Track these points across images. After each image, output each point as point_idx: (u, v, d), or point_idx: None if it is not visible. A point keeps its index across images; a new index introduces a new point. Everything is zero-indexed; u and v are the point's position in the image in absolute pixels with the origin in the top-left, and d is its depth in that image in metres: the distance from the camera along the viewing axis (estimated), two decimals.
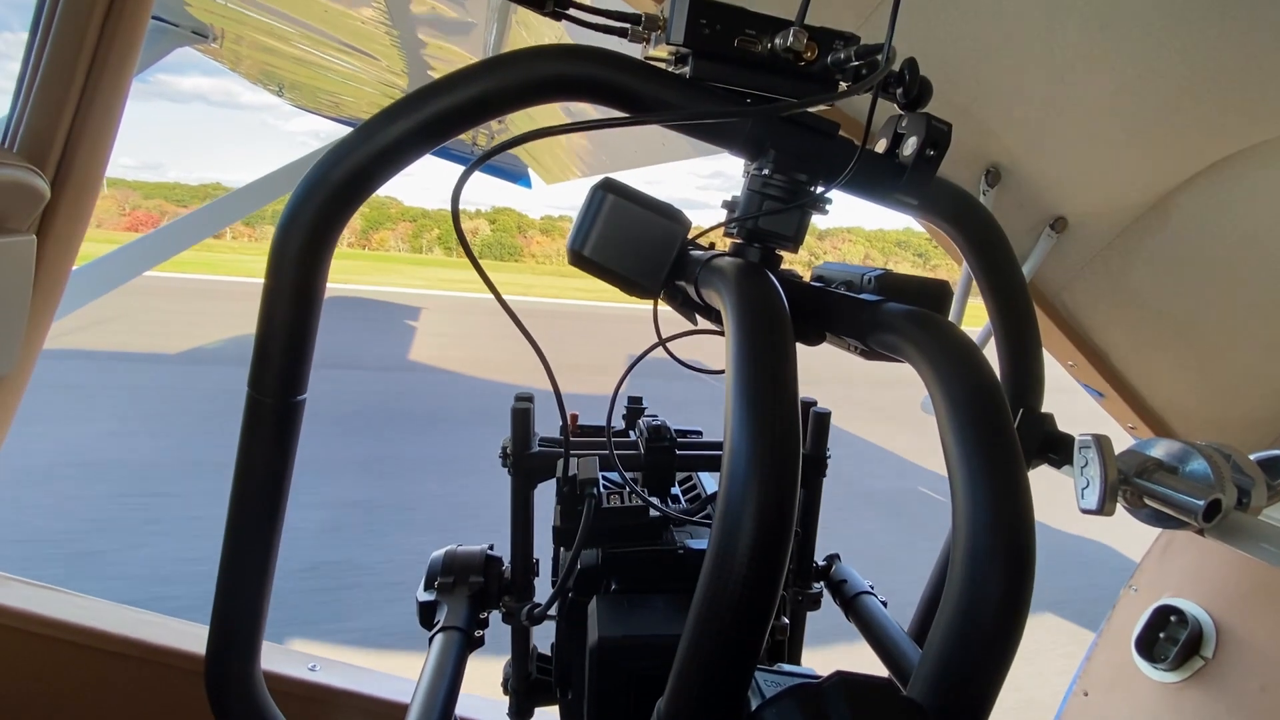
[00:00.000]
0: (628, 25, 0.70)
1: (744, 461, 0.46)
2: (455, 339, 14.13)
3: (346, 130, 0.65)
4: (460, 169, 0.65)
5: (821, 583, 1.17)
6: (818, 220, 0.73)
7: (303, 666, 1.62)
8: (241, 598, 0.70)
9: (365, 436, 7.30)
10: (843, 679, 0.46)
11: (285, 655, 1.63)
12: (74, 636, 1.49)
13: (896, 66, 0.67)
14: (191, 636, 1.56)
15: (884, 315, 0.61)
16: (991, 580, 0.44)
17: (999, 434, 0.48)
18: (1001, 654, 0.44)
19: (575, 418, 1.11)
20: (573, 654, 0.95)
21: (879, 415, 10.17)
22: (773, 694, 0.48)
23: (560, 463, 0.93)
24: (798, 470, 0.47)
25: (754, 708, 0.48)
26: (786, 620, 1.09)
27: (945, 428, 0.49)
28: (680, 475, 1.12)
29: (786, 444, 0.46)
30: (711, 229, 0.75)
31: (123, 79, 1.23)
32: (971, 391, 0.50)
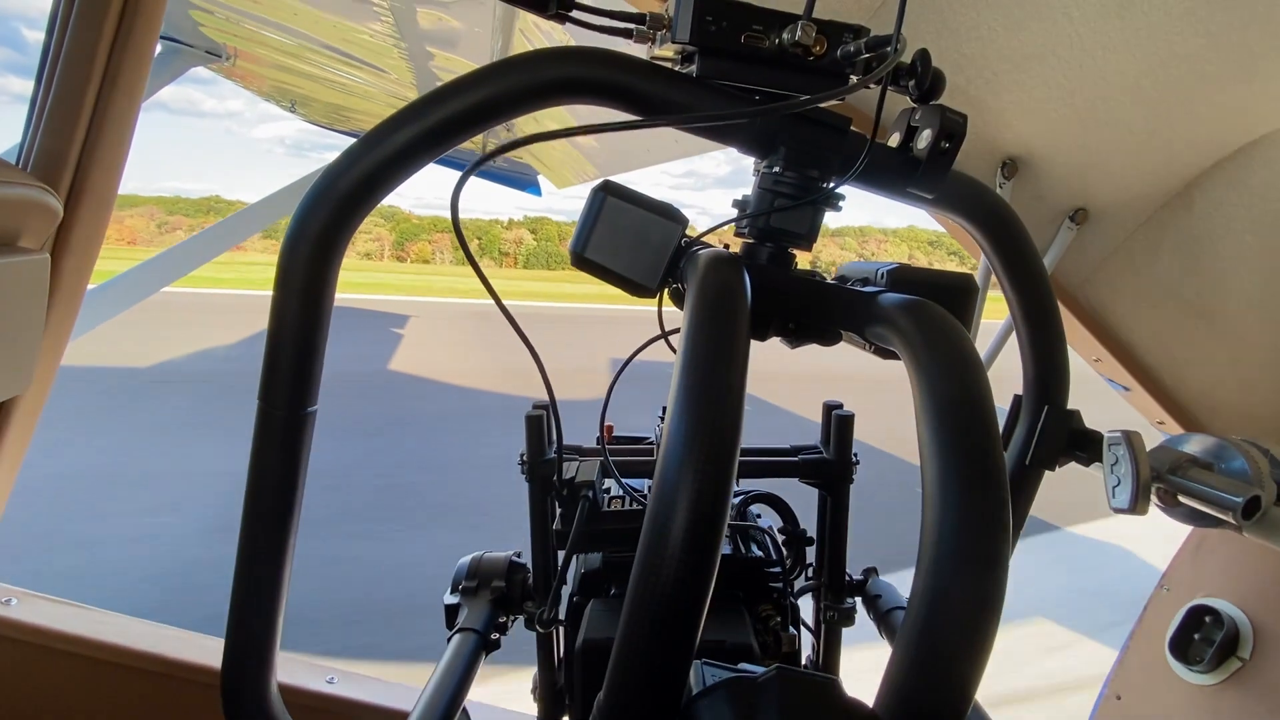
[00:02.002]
0: (632, 25, 0.70)
1: (678, 447, 0.44)
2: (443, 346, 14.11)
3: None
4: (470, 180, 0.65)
5: (856, 598, 1.13)
6: (852, 220, 0.71)
7: (321, 679, 1.61)
8: (256, 611, 0.70)
9: None
10: (780, 673, 0.44)
11: (304, 668, 1.63)
12: (91, 651, 1.50)
13: (908, 58, 0.65)
14: (208, 650, 1.57)
15: (878, 306, 0.59)
16: (959, 585, 0.41)
17: (977, 428, 0.45)
18: (969, 664, 0.41)
19: (610, 429, 1.10)
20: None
21: None
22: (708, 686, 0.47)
23: (558, 465, 0.93)
24: (733, 457, 0.45)
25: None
26: (794, 631, 1.07)
27: (922, 422, 0.46)
28: None
29: (723, 431, 0.45)
30: (719, 226, 0.74)
31: (134, 99, 1.25)
32: (952, 383, 0.47)
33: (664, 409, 1.14)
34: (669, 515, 0.43)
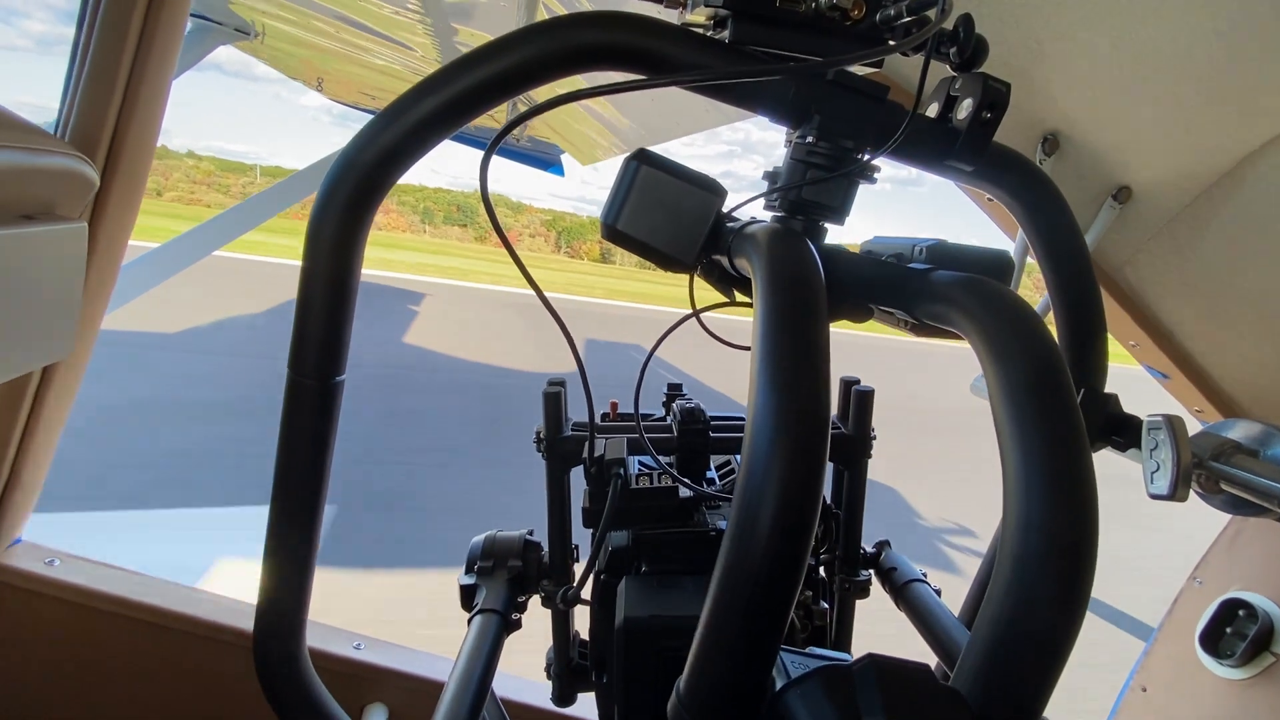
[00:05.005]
0: None
1: (767, 430, 0.43)
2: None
3: None
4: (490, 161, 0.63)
5: (870, 570, 1.14)
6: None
7: (348, 645, 1.66)
8: (286, 577, 0.72)
9: None
10: (874, 661, 0.43)
11: (331, 634, 1.68)
12: (130, 611, 1.56)
13: (950, 24, 0.62)
14: (241, 613, 1.62)
15: (932, 283, 0.57)
16: (1046, 572, 0.40)
17: (1060, 411, 0.44)
18: (1054, 652, 0.40)
19: (615, 405, 1.10)
20: (606, 637, 0.95)
21: None
22: (798, 675, 0.46)
23: (587, 443, 0.92)
24: (825, 440, 0.44)
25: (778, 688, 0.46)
26: (826, 605, 1.07)
27: (998, 403, 0.45)
28: (718, 460, 1.10)
29: (814, 412, 0.44)
30: (751, 200, 0.73)
31: (166, 72, 1.26)
32: (1029, 362, 0.45)
33: (669, 386, 1.14)
34: (759, 499, 0.42)
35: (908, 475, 7.78)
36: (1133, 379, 1.47)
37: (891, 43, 0.62)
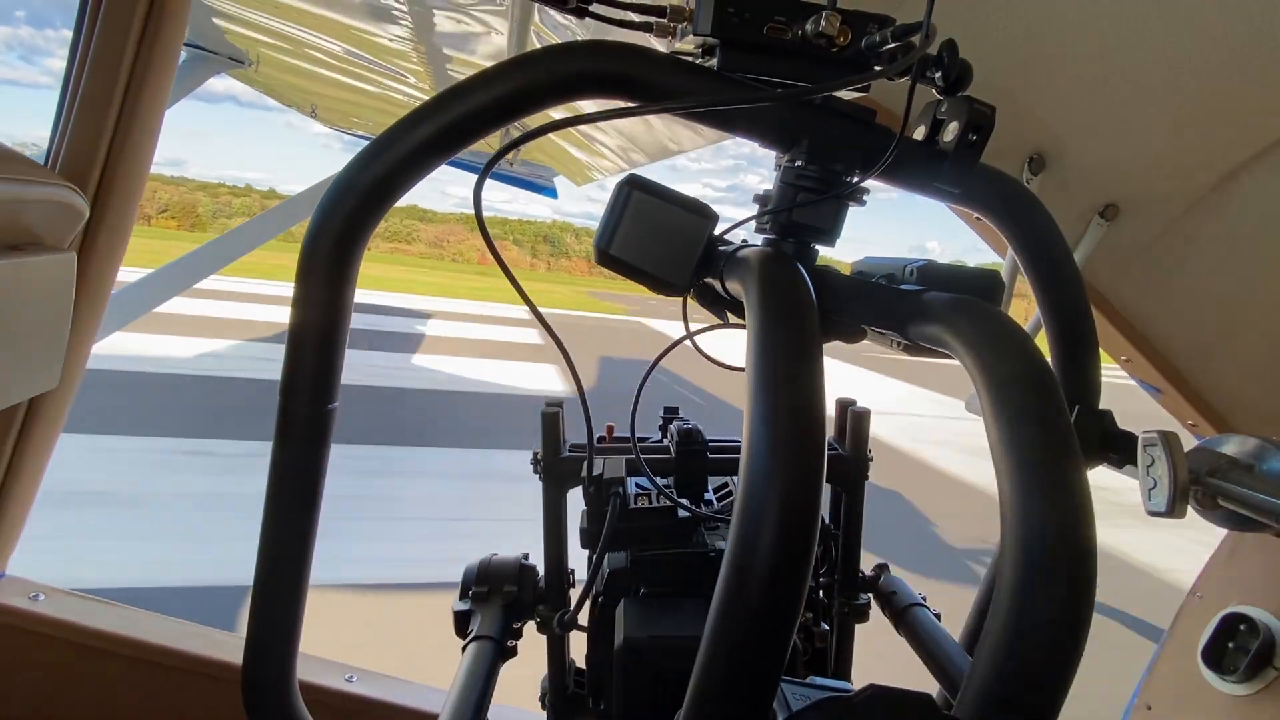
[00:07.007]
0: (652, 19, 0.69)
1: (764, 456, 0.43)
2: None
3: None
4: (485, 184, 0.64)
5: (869, 594, 1.12)
6: None
7: (339, 677, 1.62)
8: (277, 609, 0.70)
9: None
10: (875, 693, 0.42)
11: (323, 666, 1.64)
12: (116, 647, 1.52)
13: (934, 49, 0.64)
14: (230, 647, 1.58)
15: (924, 304, 0.57)
16: (1046, 594, 0.40)
17: (1053, 430, 0.43)
18: (1058, 675, 0.40)
19: (611, 429, 1.10)
20: (604, 661, 0.93)
21: None
22: (800, 708, 0.45)
23: (585, 463, 0.91)
24: (823, 465, 0.44)
25: None
26: (826, 626, 1.05)
27: (992, 424, 0.45)
28: (716, 482, 1.09)
29: (810, 437, 0.43)
30: (742, 223, 0.73)
31: (159, 103, 1.27)
32: (1021, 383, 0.45)
33: (665, 409, 1.13)
34: (758, 527, 0.42)
35: None
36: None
37: (877, 68, 0.63)
